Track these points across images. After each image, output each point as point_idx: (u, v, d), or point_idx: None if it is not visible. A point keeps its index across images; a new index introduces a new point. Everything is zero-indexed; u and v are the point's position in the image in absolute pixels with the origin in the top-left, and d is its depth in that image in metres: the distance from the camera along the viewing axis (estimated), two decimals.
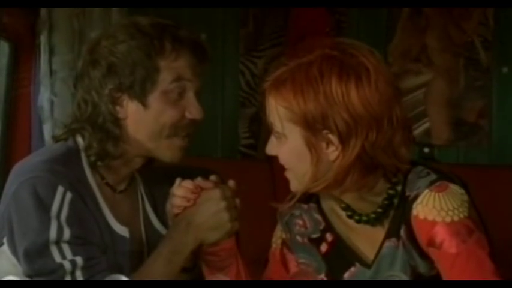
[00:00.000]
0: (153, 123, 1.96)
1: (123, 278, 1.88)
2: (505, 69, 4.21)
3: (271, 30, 4.26)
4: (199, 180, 1.93)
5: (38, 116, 3.35)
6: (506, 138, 4.20)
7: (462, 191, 1.78)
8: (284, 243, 1.97)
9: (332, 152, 1.76)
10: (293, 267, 1.96)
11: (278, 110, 1.78)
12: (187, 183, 1.93)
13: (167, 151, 1.99)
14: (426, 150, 4.16)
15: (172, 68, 1.95)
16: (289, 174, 1.83)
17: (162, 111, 1.95)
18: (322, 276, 1.91)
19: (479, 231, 1.75)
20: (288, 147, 1.79)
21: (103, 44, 1.96)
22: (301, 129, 1.76)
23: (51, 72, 3.34)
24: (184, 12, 4.01)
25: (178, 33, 1.97)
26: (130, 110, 1.96)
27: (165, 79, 1.94)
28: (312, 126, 1.74)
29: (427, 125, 4.22)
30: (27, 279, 1.88)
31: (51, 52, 3.34)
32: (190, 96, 1.97)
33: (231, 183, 1.95)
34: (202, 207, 1.91)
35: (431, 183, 1.77)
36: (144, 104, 1.94)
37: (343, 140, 1.73)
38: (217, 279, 1.94)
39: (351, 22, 4.19)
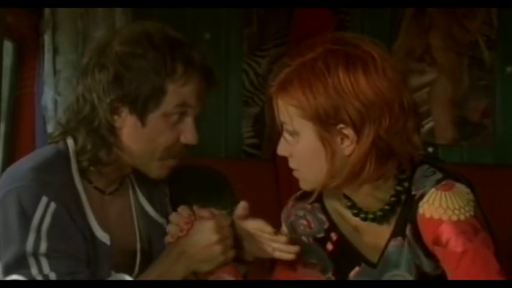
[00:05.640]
0: (147, 142, 1.93)
1: (128, 277, 1.88)
2: (509, 69, 4.20)
3: (275, 30, 4.26)
4: (196, 208, 1.92)
5: (42, 115, 3.35)
6: (510, 138, 4.19)
7: (468, 190, 1.78)
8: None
9: (347, 147, 1.76)
10: (300, 268, 1.96)
11: (288, 110, 1.78)
12: (184, 210, 1.92)
13: (156, 170, 1.97)
14: (430, 149, 4.15)
15: (179, 94, 1.91)
16: (298, 174, 1.83)
17: (158, 132, 1.92)
18: (329, 275, 1.91)
19: (484, 230, 1.75)
20: (302, 145, 1.79)
21: (114, 49, 1.91)
22: (314, 125, 1.76)
23: (55, 72, 3.34)
24: (188, 12, 4.00)
25: (191, 54, 1.93)
26: (128, 123, 1.93)
27: (169, 102, 1.91)
28: (325, 121, 1.75)
29: (430, 124, 4.21)
30: None
31: (55, 52, 3.34)
32: (188, 121, 1.94)
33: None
34: (194, 239, 1.90)
35: (437, 182, 1.77)
36: (143, 122, 1.91)
37: (358, 130, 1.73)
38: (220, 279, 1.94)
39: (355, 22, 4.18)
